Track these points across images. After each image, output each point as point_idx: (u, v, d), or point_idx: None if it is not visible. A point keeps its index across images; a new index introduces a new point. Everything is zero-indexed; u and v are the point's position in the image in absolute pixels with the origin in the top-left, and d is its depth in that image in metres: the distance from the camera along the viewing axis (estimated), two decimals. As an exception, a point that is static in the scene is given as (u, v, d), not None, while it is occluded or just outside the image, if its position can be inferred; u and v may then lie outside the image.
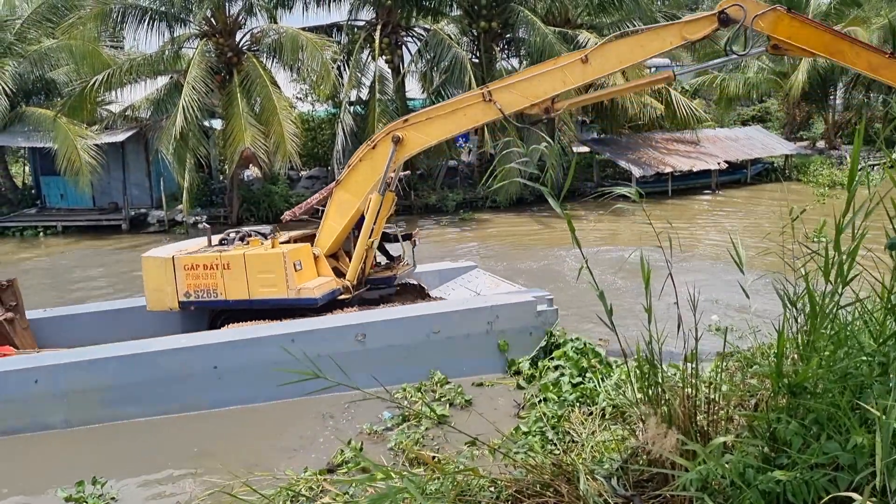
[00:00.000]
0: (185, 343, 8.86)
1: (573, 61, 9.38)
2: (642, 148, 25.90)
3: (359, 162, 10.08)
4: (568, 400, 7.64)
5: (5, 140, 22.37)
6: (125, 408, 8.34)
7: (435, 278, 12.32)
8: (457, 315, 9.48)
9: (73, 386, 8.27)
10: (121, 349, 8.70)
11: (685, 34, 9.29)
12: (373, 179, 10.02)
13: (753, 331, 5.89)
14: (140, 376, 8.46)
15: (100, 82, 20.84)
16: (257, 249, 9.92)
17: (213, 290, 9.80)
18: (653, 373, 4.11)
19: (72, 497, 6.58)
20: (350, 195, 10.12)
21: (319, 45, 20.76)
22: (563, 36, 22.71)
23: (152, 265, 9.99)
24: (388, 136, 9.86)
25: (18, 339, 10.08)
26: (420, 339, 9.13)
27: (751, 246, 13.67)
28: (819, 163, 27.38)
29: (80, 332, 10.57)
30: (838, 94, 32.70)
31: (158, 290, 9.91)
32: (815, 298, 3.62)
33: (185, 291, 9.83)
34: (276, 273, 9.70)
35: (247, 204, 23.06)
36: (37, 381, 8.24)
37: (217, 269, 9.75)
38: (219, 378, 8.61)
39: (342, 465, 6.82)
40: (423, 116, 10.01)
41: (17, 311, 10.23)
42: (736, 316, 9.83)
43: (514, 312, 9.55)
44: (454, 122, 9.87)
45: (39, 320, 10.67)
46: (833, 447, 3.16)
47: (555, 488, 3.99)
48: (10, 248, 20.34)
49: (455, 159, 26.26)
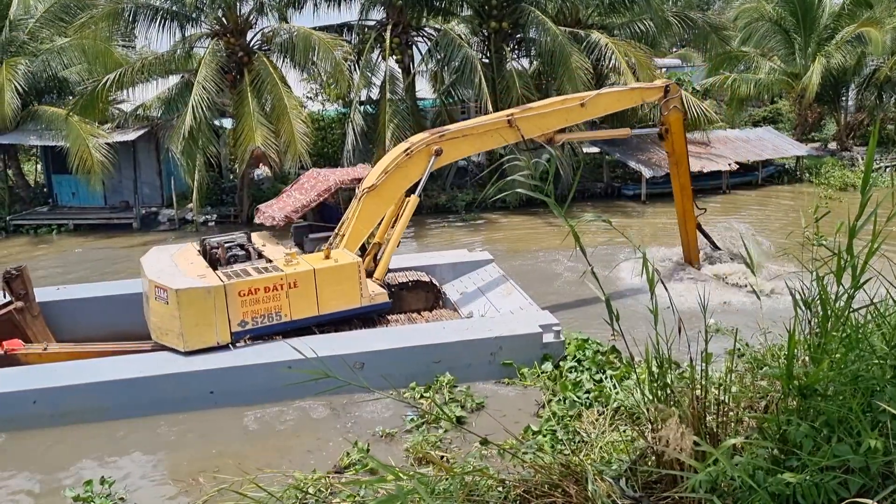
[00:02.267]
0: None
1: (574, 105, 11.59)
2: (652, 149, 25.79)
3: (395, 170, 10.34)
4: (581, 400, 7.64)
5: (18, 138, 22.49)
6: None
7: (449, 272, 12.24)
8: (459, 345, 9.14)
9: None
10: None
11: (644, 97, 13.00)
12: (404, 186, 10.46)
13: (763, 332, 5.86)
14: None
15: (111, 81, 20.92)
16: (328, 263, 9.54)
17: (276, 312, 9.14)
18: (661, 374, 4.10)
19: (80, 497, 6.57)
20: (382, 200, 10.36)
21: (331, 44, 20.78)
22: (573, 36, 22.66)
23: (194, 297, 8.70)
24: (428, 148, 10.52)
25: (30, 330, 10.06)
26: (420, 370, 8.85)
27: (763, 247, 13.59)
28: (831, 164, 27.21)
29: (94, 317, 10.50)
30: (850, 96, 32.49)
31: (203, 326, 8.76)
32: (827, 300, 3.60)
33: (241, 320, 8.96)
34: (350, 284, 9.49)
35: (256, 203, 23.05)
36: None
37: (282, 289, 9.13)
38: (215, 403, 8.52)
39: (350, 466, 6.82)
40: (459, 133, 10.88)
41: (27, 299, 10.15)
42: (745, 317, 9.79)
43: (518, 344, 9.19)
44: (483, 140, 11.15)
45: (52, 304, 10.54)
46: (844, 450, 3.14)
47: (563, 489, 3.99)
48: (22, 246, 20.47)
49: (464, 160, 26.23)
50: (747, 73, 30.43)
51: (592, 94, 12.08)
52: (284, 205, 11.05)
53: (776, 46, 30.64)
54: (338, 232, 10.39)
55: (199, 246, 10.32)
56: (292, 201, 11.03)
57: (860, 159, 28.22)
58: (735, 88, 29.75)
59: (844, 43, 28.22)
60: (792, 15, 28.93)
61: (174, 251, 10.29)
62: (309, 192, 11.12)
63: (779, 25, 29.71)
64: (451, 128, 11.19)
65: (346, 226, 10.31)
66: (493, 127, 10.98)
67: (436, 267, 12.01)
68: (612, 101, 12.18)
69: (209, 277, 9.14)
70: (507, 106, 22.27)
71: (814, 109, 31.39)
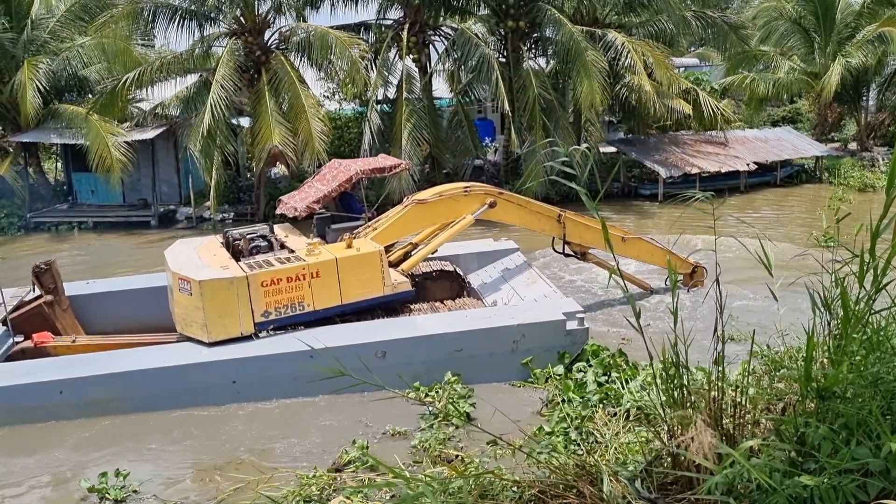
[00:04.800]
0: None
1: (616, 235, 11.49)
2: (669, 149, 25.65)
3: (449, 198, 10.77)
4: (591, 400, 7.60)
5: (38, 136, 22.74)
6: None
7: (473, 261, 12.21)
8: (481, 333, 9.13)
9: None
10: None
11: (675, 263, 12.42)
12: (448, 215, 10.77)
13: (781, 334, 5.81)
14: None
15: (131, 80, 21.09)
16: (350, 252, 9.56)
17: (299, 302, 9.15)
18: (678, 375, 4.07)
19: (94, 488, 6.65)
20: (424, 217, 10.67)
21: (348, 43, 20.82)
22: (590, 35, 22.57)
23: (217, 288, 8.77)
24: (485, 195, 10.95)
25: (59, 323, 10.22)
26: (441, 358, 8.87)
27: (779, 249, 13.46)
28: (850, 165, 26.92)
29: (123, 310, 10.64)
30: (871, 95, 32.13)
31: (227, 316, 8.82)
32: (848, 302, 3.57)
33: (264, 311, 8.98)
34: (373, 272, 9.52)
35: (273, 201, 23.17)
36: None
37: (304, 279, 9.15)
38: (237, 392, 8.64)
39: (349, 464, 6.80)
40: (515, 201, 11.41)
41: (56, 292, 10.32)
42: (762, 319, 9.70)
43: (541, 331, 9.14)
44: (531, 219, 11.43)
45: (81, 297, 10.69)
46: (864, 453, 3.11)
47: (578, 490, 3.97)
48: (43, 243, 20.70)
49: (481, 158, 26.21)
50: (766, 72, 30.18)
51: (636, 235, 12.47)
52: (306, 195, 11.09)
53: (796, 45, 30.35)
54: (369, 224, 10.44)
55: (223, 238, 10.40)
56: (314, 192, 11.03)
57: (881, 160, 27.89)
58: (753, 88, 29.50)
59: (865, 42, 27.91)
60: (812, 14, 28.64)
61: (198, 244, 10.39)
62: (331, 183, 11.13)
63: (798, 24, 29.43)
64: (510, 194, 11.85)
65: (382, 223, 10.37)
66: (545, 212, 11.45)
67: (460, 256, 12.01)
68: (647, 251, 12.13)
69: (232, 268, 9.19)
70: (523, 106, 22.27)
71: (833, 109, 31.06)
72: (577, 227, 11.47)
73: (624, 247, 11.63)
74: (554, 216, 11.42)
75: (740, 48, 27.18)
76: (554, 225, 11.43)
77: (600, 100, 21.56)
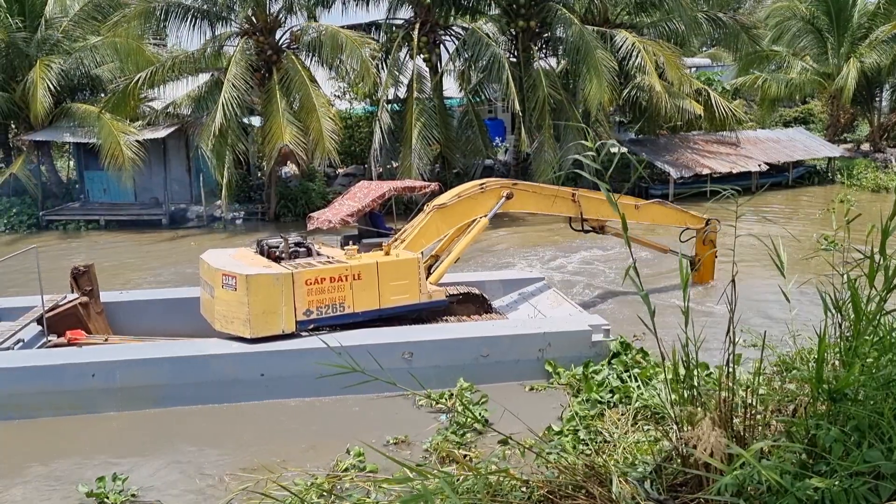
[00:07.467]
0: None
1: (630, 204, 12.07)
2: (680, 149, 25.58)
3: (468, 198, 10.94)
4: (604, 400, 7.58)
5: (51, 135, 22.89)
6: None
7: (499, 289, 12.23)
8: (507, 339, 9.20)
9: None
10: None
11: (688, 221, 13.07)
12: (469, 214, 10.95)
13: (793, 335, 5.78)
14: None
15: (143, 79, 21.23)
16: (389, 257, 9.77)
17: (340, 303, 9.31)
18: (689, 375, 4.06)
19: (92, 493, 6.53)
20: (447, 220, 10.83)
21: (359, 42, 20.85)
22: (601, 35, 22.53)
23: (263, 283, 8.90)
24: (501, 189, 11.17)
25: (92, 324, 10.41)
26: (468, 362, 8.90)
27: (790, 251, 13.38)
28: (863, 166, 26.76)
29: (153, 318, 10.81)
30: (884, 96, 31.93)
31: (270, 313, 8.91)
32: (860, 304, 3.55)
33: (306, 309, 9.10)
34: (410, 279, 9.71)
35: (284, 200, 23.29)
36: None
37: (346, 280, 9.32)
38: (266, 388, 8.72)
39: (347, 470, 6.72)
40: (530, 189, 11.74)
41: (91, 295, 10.61)
42: (774, 321, 9.65)
43: (567, 341, 9.18)
44: (548, 203, 11.72)
45: (114, 305, 10.90)
46: (875, 455, 3.09)
47: (587, 490, 3.97)
48: (54, 241, 20.82)
49: (491, 158, 26.20)
50: (778, 72, 30.04)
51: (648, 202, 13.03)
52: (339, 210, 11.17)
53: (808, 46, 30.18)
54: (397, 237, 10.51)
55: (256, 247, 10.54)
56: (346, 207, 11.13)
57: (894, 161, 27.70)
58: (765, 88, 29.39)
59: (879, 42, 27.73)
60: (825, 14, 28.47)
61: (231, 252, 10.53)
62: (363, 199, 11.23)
63: (811, 24, 29.25)
64: (525, 182, 12.21)
65: (408, 233, 10.45)
66: (559, 194, 11.79)
67: (485, 283, 12.05)
68: (661, 214, 12.86)
69: (275, 267, 9.35)
70: (533, 105, 22.26)
71: (846, 110, 30.87)
72: (591, 202, 11.88)
73: (638, 213, 12.24)
74: (568, 196, 11.80)
75: (752, 48, 27.07)
76: (570, 205, 11.81)
77: (609, 99, 21.52)
